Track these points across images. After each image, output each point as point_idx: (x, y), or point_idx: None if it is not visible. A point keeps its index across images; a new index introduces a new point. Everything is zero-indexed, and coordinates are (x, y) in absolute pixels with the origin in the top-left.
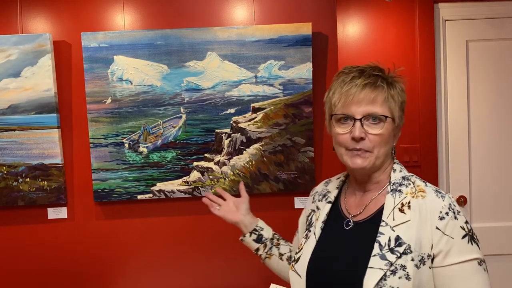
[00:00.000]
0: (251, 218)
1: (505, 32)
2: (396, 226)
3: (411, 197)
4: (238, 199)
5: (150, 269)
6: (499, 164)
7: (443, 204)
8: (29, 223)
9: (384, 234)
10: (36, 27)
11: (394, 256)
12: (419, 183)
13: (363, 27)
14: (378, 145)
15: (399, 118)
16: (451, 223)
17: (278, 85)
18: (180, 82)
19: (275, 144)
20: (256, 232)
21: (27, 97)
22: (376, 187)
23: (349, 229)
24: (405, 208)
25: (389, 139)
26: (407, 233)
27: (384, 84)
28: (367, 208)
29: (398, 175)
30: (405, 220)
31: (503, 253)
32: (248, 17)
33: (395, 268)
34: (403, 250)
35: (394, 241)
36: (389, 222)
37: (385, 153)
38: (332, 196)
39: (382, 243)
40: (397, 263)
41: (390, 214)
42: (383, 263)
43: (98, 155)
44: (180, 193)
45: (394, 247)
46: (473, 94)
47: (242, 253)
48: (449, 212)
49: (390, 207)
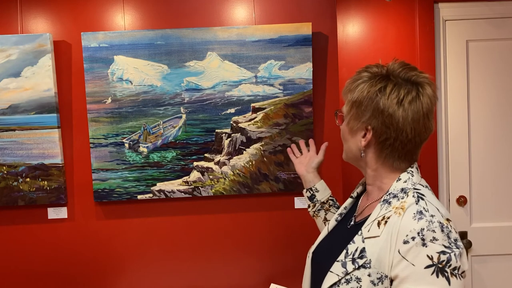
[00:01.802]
0: (313, 177)
1: (505, 32)
2: (367, 239)
3: (393, 213)
4: (313, 156)
5: (150, 269)
6: (499, 164)
7: (414, 227)
8: (29, 223)
9: (355, 243)
10: (36, 27)
11: (352, 266)
12: (409, 199)
13: (363, 27)
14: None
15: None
16: (414, 249)
17: (278, 85)
18: (180, 82)
19: (275, 144)
20: (311, 191)
21: (27, 97)
22: (379, 193)
23: (349, 228)
24: (381, 223)
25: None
26: (372, 248)
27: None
28: (363, 212)
29: (399, 185)
30: (375, 235)
31: (503, 253)
32: (248, 17)
33: (350, 278)
34: (362, 263)
35: (359, 252)
36: (364, 232)
37: (347, 150)
38: (355, 192)
39: (349, 251)
40: (354, 274)
41: (369, 225)
42: (341, 270)
43: (98, 155)
44: (180, 193)
45: (356, 258)
46: (473, 94)
47: (242, 253)
48: (416, 237)
49: (372, 218)
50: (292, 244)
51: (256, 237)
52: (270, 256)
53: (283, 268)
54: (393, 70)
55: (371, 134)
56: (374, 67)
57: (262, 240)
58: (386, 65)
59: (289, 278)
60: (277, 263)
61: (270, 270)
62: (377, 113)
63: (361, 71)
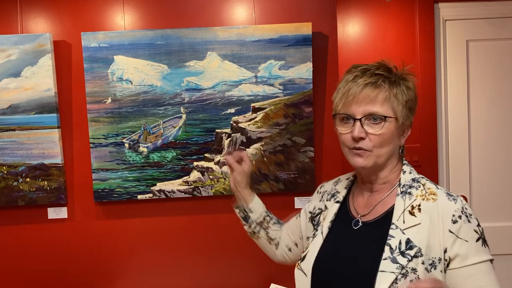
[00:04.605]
0: (246, 194)
1: (505, 32)
2: (407, 229)
3: (422, 200)
4: (242, 170)
5: (150, 269)
6: (499, 164)
7: (456, 207)
8: (29, 223)
9: (394, 237)
10: (36, 27)
11: (405, 259)
12: (429, 185)
13: (363, 27)
14: (378, 145)
15: (404, 117)
16: (464, 226)
17: (278, 85)
18: (180, 82)
19: (275, 144)
20: (245, 212)
21: (27, 97)
22: (384, 188)
23: (357, 229)
24: (415, 211)
25: (391, 139)
26: (418, 236)
27: (386, 83)
28: (375, 209)
29: (408, 177)
30: (416, 223)
31: (503, 253)
32: (248, 17)
33: (406, 271)
34: (414, 253)
35: (405, 244)
36: (399, 224)
37: (388, 152)
38: (340, 196)
39: (392, 246)
40: (408, 266)
41: (400, 217)
42: (395, 266)
43: (98, 155)
44: (180, 193)
45: (405, 250)
46: (473, 94)
47: (242, 253)
48: (462, 215)
49: (400, 210)
50: None
51: None
52: None
53: (283, 268)
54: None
55: (410, 129)
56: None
57: None
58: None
59: (289, 278)
60: (277, 263)
61: (270, 270)
62: (411, 103)
63: (374, 72)
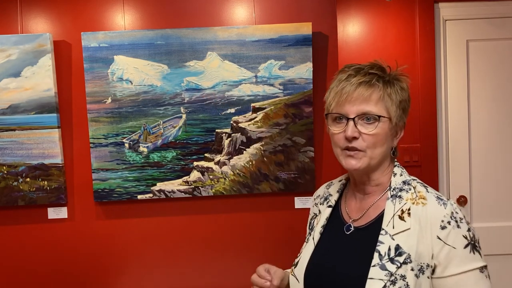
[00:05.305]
0: None
1: (505, 32)
2: (396, 235)
3: (411, 204)
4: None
5: (150, 268)
6: (499, 164)
7: (445, 212)
8: (29, 223)
9: (384, 243)
10: (36, 27)
11: (394, 266)
12: (420, 188)
13: (363, 27)
14: (372, 145)
15: (398, 118)
16: (453, 233)
17: (278, 85)
18: (180, 82)
19: (275, 144)
20: None
21: (27, 97)
22: (377, 190)
23: (349, 234)
24: (405, 216)
25: (385, 139)
26: (407, 242)
27: (380, 82)
28: (367, 213)
29: (398, 179)
30: (405, 228)
31: (503, 253)
32: (248, 17)
33: (395, 278)
34: (403, 259)
35: (394, 250)
36: (389, 230)
37: (382, 153)
38: (333, 200)
39: (381, 253)
40: (397, 273)
41: (390, 222)
42: (383, 273)
43: (98, 155)
44: (180, 193)
45: (394, 257)
46: (473, 94)
47: (243, 253)
48: (451, 221)
49: (390, 214)
50: (292, 244)
51: (256, 237)
52: (270, 256)
53: (283, 268)
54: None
55: (403, 131)
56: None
57: (262, 240)
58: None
59: None
60: (277, 263)
61: None
62: (405, 104)
63: (369, 71)
